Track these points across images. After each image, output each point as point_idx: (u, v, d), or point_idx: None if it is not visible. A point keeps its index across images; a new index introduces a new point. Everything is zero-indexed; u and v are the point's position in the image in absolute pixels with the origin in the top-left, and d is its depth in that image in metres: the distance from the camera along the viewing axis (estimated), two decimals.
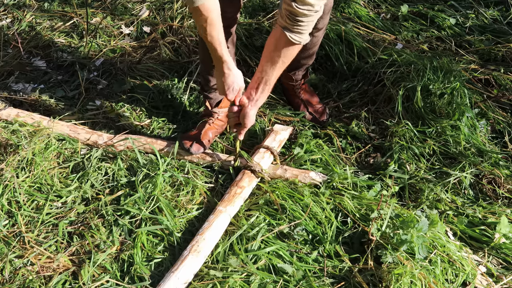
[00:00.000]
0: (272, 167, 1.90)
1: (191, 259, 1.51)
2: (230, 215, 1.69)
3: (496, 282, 1.62)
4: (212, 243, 1.60)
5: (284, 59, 1.62)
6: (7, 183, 1.83)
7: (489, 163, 2.01)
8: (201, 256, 1.54)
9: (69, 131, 2.07)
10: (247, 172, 1.84)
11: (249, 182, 1.81)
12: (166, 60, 2.56)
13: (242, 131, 1.79)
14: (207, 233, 1.59)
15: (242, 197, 1.76)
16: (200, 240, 1.57)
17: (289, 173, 1.86)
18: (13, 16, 2.94)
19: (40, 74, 2.53)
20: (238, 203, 1.74)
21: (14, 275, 1.58)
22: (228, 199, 1.73)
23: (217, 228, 1.63)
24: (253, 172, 1.84)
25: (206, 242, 1.57)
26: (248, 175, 1.83)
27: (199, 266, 1.53)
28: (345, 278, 1.58)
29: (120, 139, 2.01)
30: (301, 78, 2.25)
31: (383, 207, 1.71)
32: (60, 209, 1.80)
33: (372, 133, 2.20)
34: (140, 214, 1.73)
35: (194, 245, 1.55)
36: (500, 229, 1.73)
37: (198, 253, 1.53)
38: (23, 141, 1.99)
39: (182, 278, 1.47)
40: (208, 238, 1.58)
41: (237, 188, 1.77)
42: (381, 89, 2.34)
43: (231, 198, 1.73)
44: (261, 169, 1.84)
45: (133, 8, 2.98)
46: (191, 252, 1.53)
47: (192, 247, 1.54)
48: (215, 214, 1.66)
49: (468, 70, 2.41)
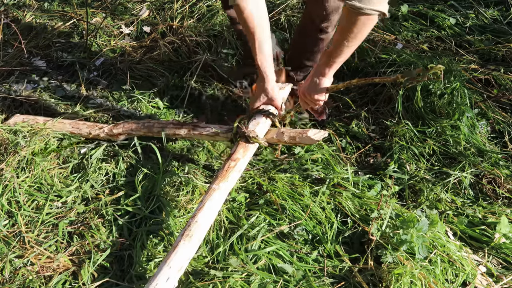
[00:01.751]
0: (270, 132, 1.76)
1: (183, 245, 1.38)
2: (225, 192, 1.54)
3: (496, 282, 1.62)
4: (206, 226, 1.46)
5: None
6: (7, 183, 1.83)
7: (489, 163, 2.01)
8: (194, 241, 1.40)
9: (71, 128, 2.06)
10: (241, 142, 1.69)
11: (244, 153, 1.65)
12: (166, 60, 2.56)
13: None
14: (200, 215, 1.45)
15: (237, 170, 1.60)
16: (192, 223, 1.43)
17: (286, 135, 1.73)
18: (13, 16, 2.94)
19: (40, 74, 2.53)
20: (233, 177, 1.58)
21: (14, 275, 1.58)
22: (221, 175, 1.57)
23: (211, 208, 1.48)
24: (247, 139, 1.68)
25: (199, 225, 1.43)
26: (242, 145, 1.67)
27: (193, 252, 1.41)
28: (345, 278, 1.58)
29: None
30: (302, 79, 2.25)
31: (383, 207, 1.71)
32: (60, 209, 1.80)
33: (372, 133, 2.20)
34: (140, 214, 1.73)
35: (186, 230, 1.42)
36: (500, 229, 1.73)
37: (191, 238, 1.39)
38: (23, 141, 1.99)
39: (174, 266, 1.34)
40: (201, 221, 1.44)
41: (231, 161, 1.61)
42: (381, 89, 2.34)
43: (224, 173, 1.57)
44: (256, 135, 1.69)
45: (133, 8, 2.98)
46: (183, 238, 1.39)
47: (185, 232, 1.41)
48: (208, 193, 1.52)
49: (468, 70, 2.41)
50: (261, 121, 1.75)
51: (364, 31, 1.47)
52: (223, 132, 1.81)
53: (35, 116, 2.16)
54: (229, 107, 2.35)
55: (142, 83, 2.42)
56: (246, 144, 1.68)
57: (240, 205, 1.79)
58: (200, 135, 1.86)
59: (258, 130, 1.72)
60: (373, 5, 1.39)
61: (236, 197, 1.81)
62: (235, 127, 1.74)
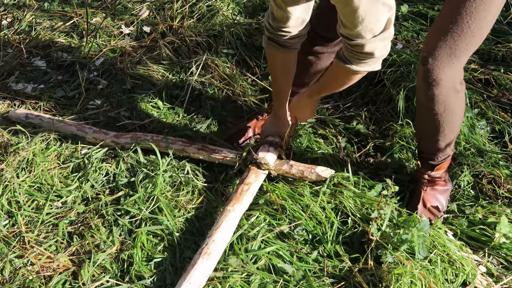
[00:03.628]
0: (278, 163, 1.86)
1: (202, 262, 1.48)
2: (239, 214, 1.65)
3: (496, 282, 1.62)
4: (223, 244, 1.56)
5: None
6: (7, 183, 1.83)
7: (489, 163, 2.01)
8: (212, 259, 1.50)
9: (76, 131, 2.06)
10: (253, 168, 1.80)
11: (256, 178, 1.77)
12: (166, 60, 2.56)
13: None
14: (216, 235, 1.56)
15: (250, 193, 1.72)
16: (210, 242, 1.53)
17: (295, 168, 1.82)
18: (13, 16, 2.94)
19: (40, 74, 2.53)
20: (246, 200, 1.69)
21: (14, 275, 1.58)
22: (235, 198, 1.69)
23: (227, 228, 1.59)
24: (258, 165, 1.80)
25: (216, 244, 1.53)
26: (254, 171, 1.79)
27: (211, 269, 1.50)
28: (345, 278, 1.58)
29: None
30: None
31: (383, 207, 1.71)
32: (60, 209, 1.80)
33: (372, 133, 2.20)
34: (140, 214, 1.73)
35: (204, 248, 1.52)
36: (500, 229, 1.73)
37: (209, 256, 1.50)
38: (24, 141, 1.99)
39: (194, 283, 1.43)
40: (218, 240, 1.54)
41: (244, 185, 1.73)
42: (381, 89, 2.34)
43: (238, 196, 1.69)
44: (267, 162, 1.80)
45: (133, 8, 2.98)
46: (201, 256, 1.49)
47: (203, 250, 1.51)
48: (224, 214, 1.63)
49: (468, 70, 2.41)
50: (270, 150, 1.87)
51: (354, 81, 1.55)
52: (232, 157, 1.91)
53: (39, 113, 2.16)
54: (229, 107, 2.35)
55: (142, 83, 2.42)
56: (257, 170, 1.80)
57: None
58: (208, 156, 1.94)
59: (268, 158, 1.84)
60: (369, 67, 1.42)
61: None
62: (245, 154, 1.85)
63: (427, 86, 1.56)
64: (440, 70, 1.51)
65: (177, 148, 1.96)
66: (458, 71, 1.56)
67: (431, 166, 1.83)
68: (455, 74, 1.55)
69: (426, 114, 1.67)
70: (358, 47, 1.34)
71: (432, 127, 1.69)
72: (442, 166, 1.84)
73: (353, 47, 1.35)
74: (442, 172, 1.87)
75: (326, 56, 1.96)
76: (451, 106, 1.60)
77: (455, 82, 1.57)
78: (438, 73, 1.51)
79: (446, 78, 1.52)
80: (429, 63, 1.51)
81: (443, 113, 1.62)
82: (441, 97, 1.57)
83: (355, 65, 1.41)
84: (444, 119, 1.64)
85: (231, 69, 2.50)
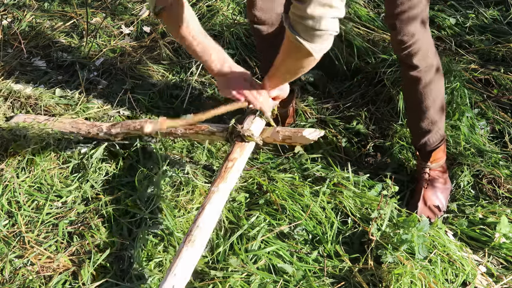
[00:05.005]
0: (265, 131, 1.74)
1: (186, 250, 1.36)
2: (225, 193, 1.52)
3: (496, 282, 1.62)
4: (208, 230, 1.43)
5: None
6: (7, 183, 1.83)
7: (489, 163, 2.01)
8: (197, 246, 1.38)
9: (71, 128, 2.06)
10: (237, 142, 1.66)
11: (241, 152, 1.63)
12: (166, 60, 2.56)
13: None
14: (200, 219, 1.42)
15: (236, 169, 1.58)
16: (194, 228, 1.40)
17: (282, 134, 1.70)
18: (13, 16, 2.94)
19: (40, 74, 2.53)
20: (231, 177, 1.55)
21: (14, 275, 1.58)
22: (220, 177, 1.54)
23: (211, 211, 1.45)
24: (242, 138, 1.66)
25: (201, 230, 1.40)
26: (238, 145, 1.65)
27: (197, 257, 1.38)
28: (345, 278, 1.58)
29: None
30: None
31: (383, 207, 1.71)
32: (60, 209, 1.80)
33: (372, 133, 2.20)
34: (140, 214, 1.73)
35: (188, 235, 1.39)
36: (500, 229, 1.73)
37: (193, 243, 1.37)
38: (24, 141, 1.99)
39: (179, 274, 1.32)
40: (203, 225, 1.41)
41: (228, 162, 1.58)
42: (381, 89, 2.34)
43: (223, 174, 1.54)
44: (251, 133, 1.66)
45: (133, 8, 2.98)
46: (185, 244, 1.37)
47: (187, 238, 1.39)
48: (208, 197, 1.49)
49: (468, 70, 2.41)
50: (256, 120, 1.72)
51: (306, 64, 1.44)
52: (219, 131, 1.79)
53: (36, 116, 2.16)
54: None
55: (142, 83, 2.42)
56: (242, 143, 1.66)
57: (240, 205, 1.79)
58: (196, 134, 1.84)
59: (254, 128, 1.69)
60: (314, 43, 1.33)
61: (236, 197, 1.81)
62: (231, 127, 1.71)
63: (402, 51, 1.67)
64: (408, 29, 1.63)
65: (165, 132, 1.86)
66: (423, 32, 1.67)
67: (427, 154, 1.85)
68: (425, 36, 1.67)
69: (410, 87, 1.78)
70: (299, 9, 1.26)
71: (417, 99, 1.78)
72: (438, 155, 1.86)
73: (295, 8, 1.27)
74: (440, 166, 1.89)
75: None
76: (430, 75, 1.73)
77: (427, 45, 1.69)
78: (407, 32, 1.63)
79: (417, 37, 1.63)
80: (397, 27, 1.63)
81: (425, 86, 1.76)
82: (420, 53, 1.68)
83: (301, 38, 1.31)
84: (425, 92, 1.76)
85: None
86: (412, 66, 1.70)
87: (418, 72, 1.71)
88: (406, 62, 1.70)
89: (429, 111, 1.79)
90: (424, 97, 1.76)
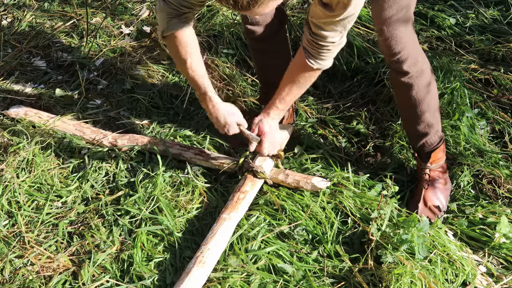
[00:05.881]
0: (275, 171, 1.85)
1: (197, 271, 1.47)
2: (235, 222, 1.64)
3: (496, 282, 1.62)
4: (218, 252, 1.55)
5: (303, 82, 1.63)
6: (7, 183, 1.83)
7: (489, 163, 2.01)
8: (207, 267, 1.49)
9: (74, 130, 2.06)
10: (249, 176, 1.79)
11: (252, 186, 1.76)
12: (166, 60, 2.56)
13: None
14: (212, 243, 1.54)
15: (246, 202, 1.71)
16: (205, 250, 1.52)
17: (291, 178, 1.80)
18: (13, 16, 2.94)
19: (40, 74, 2.53)
20: (242, 208, 1.69)
21: (14, 275, 1.58)
22: (231, 206, 1.68)
23: (222, 235, 1.58)
24: (254, 174, 1.78)
25: (211, 252, 1.52)
26: (250, 179, 1.78)
27: (205, 277, 1.49)
28: (345, 278, 1.58)
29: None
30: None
31: (383, 207, 1.71)
32: (60, 209, 1.80)
33: (372, 133, 2.20)
34: (140, 214, 1.73)
35: (199, 256, 1.51)
36: (500, 229, 1.73)
37: (204, 264, 1.48)
38: (24, 141, 1.99)
39: None
40: (213, 248, 1.53)
41: (240, 193, 1.72)
42: (381, 89, 2.34)
43: (234, 204, 1.68)
44: (263, 171, 1.79)
45: (133, 8, 2.98)
46: (196, 264, 1.48)
47: (197, 259, 1.50)
48: (219, 222, 1.62)
49: (468, 70, 2.41)
50: (267, 159, 1.85)
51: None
52: (228, 164, 1.89)
53: (38, 111, 2.16)
54: None
55: (142, 83, 2.42)
56: (254, 178, 1.79)
57: None
58: (205, 162, 1.93)
59: (265, 166, 1.82)
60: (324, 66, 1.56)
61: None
62: (241, 162, 1.83)
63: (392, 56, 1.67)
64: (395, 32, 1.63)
65: (175, 152, 1.95)
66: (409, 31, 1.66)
67: (426, 155, 1.85)
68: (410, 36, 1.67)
69: (403, 93, 1.77)
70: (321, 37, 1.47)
71: (411, 104, 1.77)
72: (438, 155, 1.86)
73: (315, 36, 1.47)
74: (440, 166, 1.89)
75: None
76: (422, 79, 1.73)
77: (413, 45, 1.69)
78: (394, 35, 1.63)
79: (405, 41, 1.64)
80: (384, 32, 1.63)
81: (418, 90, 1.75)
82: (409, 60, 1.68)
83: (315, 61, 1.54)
84: (419, 97, 1.75)
85: (231, 69, 2.50)
86: (403, 72, 1.68)
87: (409, 78, 1.69)
88: (396, 69, 1.69)
89: (424, 115, 1.77)
90: (418, 102, 1.74)
